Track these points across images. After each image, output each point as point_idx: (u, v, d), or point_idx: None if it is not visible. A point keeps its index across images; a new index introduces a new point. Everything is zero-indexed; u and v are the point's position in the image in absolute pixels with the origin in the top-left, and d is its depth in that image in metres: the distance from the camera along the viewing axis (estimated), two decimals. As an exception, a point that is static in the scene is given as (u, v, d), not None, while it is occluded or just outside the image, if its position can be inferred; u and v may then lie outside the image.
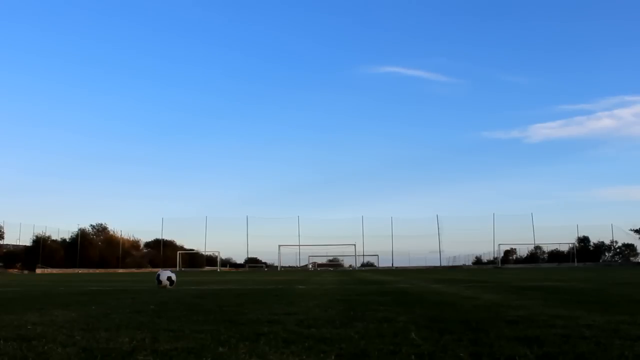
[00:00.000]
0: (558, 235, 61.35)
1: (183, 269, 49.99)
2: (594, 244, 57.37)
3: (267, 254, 60.35)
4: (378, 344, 2.35)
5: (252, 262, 60.07)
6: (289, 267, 57.99)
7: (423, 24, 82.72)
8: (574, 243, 56.37)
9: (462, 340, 2.43)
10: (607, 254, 57.60)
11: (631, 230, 55.17)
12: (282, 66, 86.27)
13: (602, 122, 78.57)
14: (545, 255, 58.95)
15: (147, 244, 62.51)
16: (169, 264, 54.79)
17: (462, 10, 79.68)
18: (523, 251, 60.85)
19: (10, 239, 52.61)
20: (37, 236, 51.25)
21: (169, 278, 8.72)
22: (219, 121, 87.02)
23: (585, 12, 77.76)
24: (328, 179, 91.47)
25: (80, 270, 44.34)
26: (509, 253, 61.37)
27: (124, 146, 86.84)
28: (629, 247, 56.82)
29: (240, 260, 63.77)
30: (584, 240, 57.48)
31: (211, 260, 59.19)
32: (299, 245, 57.05)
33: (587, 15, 78.19)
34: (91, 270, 43.95)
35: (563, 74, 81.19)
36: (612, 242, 57.35)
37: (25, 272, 42.37)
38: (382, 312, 3.74)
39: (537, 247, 59.21)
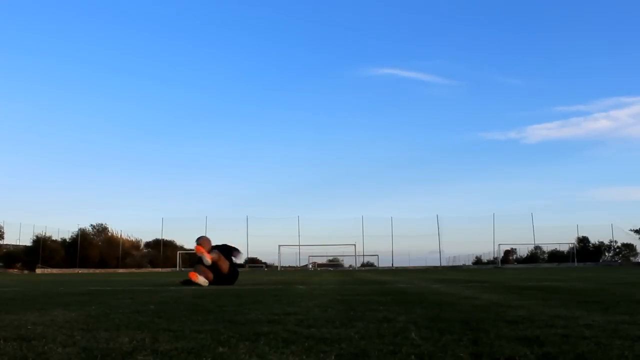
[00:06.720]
0: (558, 235, 61.55)
1: (183, 269, 49.97)
2: (593, 244, 57.40)
3: (267, 254, 60.46)
4: (378, 344, 2.35)
5: (252, 262, 60.06)
6: (289, 267, 57.96)
7: (421, 26, 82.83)
8: (573, 243, 56.41)
9: (462, 340, 2.43)
10: (607, 254, 57.62)
11: (631, 230, 55.29)
12: (281, 66, 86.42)
13: (599, 123, 78.73)
14: (545, 255, 58.99)
15: (147, 244, 62.56)
16: (169, 264, 54.84)
17: (460, 11, 79.68)
18: (523, 251, 60.97)
19: (10, 239, 52.67)
20: (37, 236, 51.33)
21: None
22: (219, 121, 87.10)
23: (583, 13, 77.72)
24: (328, 179, 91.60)
25: (80, 270, 44.33)
26: (509, 253, 61.41)
27: (124, 146, 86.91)
28: (629, 247, 56.88)
29: (240, 260, 63.68)
30: (583, 241, 57.52)
31: (211, 260, 59.05)
32: (299, 245, 57.14)
33: (584, 16, 78.16)
34: (91, 270, 43.95)
35: (559, 75, 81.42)
36: (611, 242, 57.41)
37: (25, 272, 42.34)
38: (382, 312, 3.73)
39: (537, 247, 59.28)
